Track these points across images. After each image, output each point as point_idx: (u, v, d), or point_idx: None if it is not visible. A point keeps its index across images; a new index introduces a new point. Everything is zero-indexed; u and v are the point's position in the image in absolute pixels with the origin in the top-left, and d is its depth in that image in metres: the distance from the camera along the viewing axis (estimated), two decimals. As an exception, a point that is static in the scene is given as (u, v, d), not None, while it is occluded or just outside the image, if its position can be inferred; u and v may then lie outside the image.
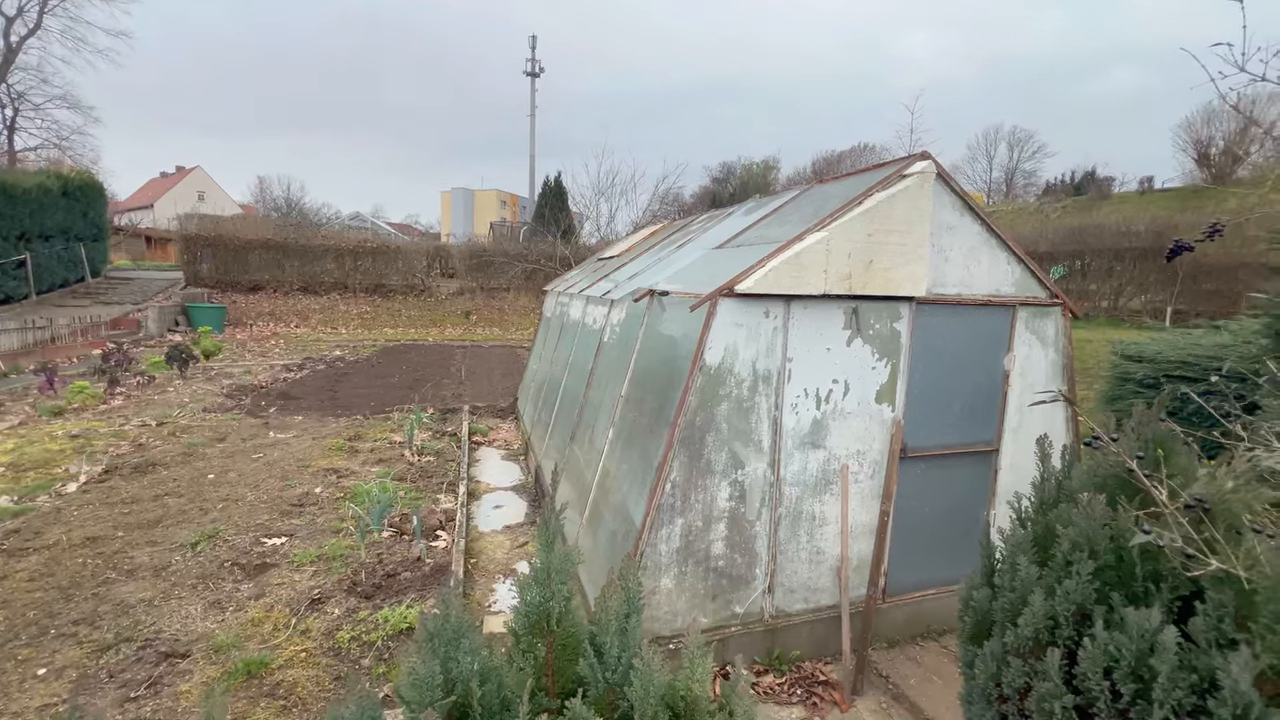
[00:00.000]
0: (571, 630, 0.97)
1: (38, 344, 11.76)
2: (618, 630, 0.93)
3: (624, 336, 4.57)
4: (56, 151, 34.76)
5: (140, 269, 22.34)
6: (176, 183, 57.38)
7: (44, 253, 15.37)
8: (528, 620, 0.96)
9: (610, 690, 0.88)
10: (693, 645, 0.91)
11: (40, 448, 6.44)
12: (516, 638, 0.98)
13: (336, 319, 18.71)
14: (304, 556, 4.21)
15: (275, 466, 6.08)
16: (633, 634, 0.93)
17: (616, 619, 0.93)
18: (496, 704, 0.85)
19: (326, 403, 8.99)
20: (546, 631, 0.93)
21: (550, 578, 1.00)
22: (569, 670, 0.94)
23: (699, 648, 0.90)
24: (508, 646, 0.99)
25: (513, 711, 0.80)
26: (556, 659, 0.94)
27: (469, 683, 0.82)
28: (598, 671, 0.87)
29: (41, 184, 15.78)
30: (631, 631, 0.93)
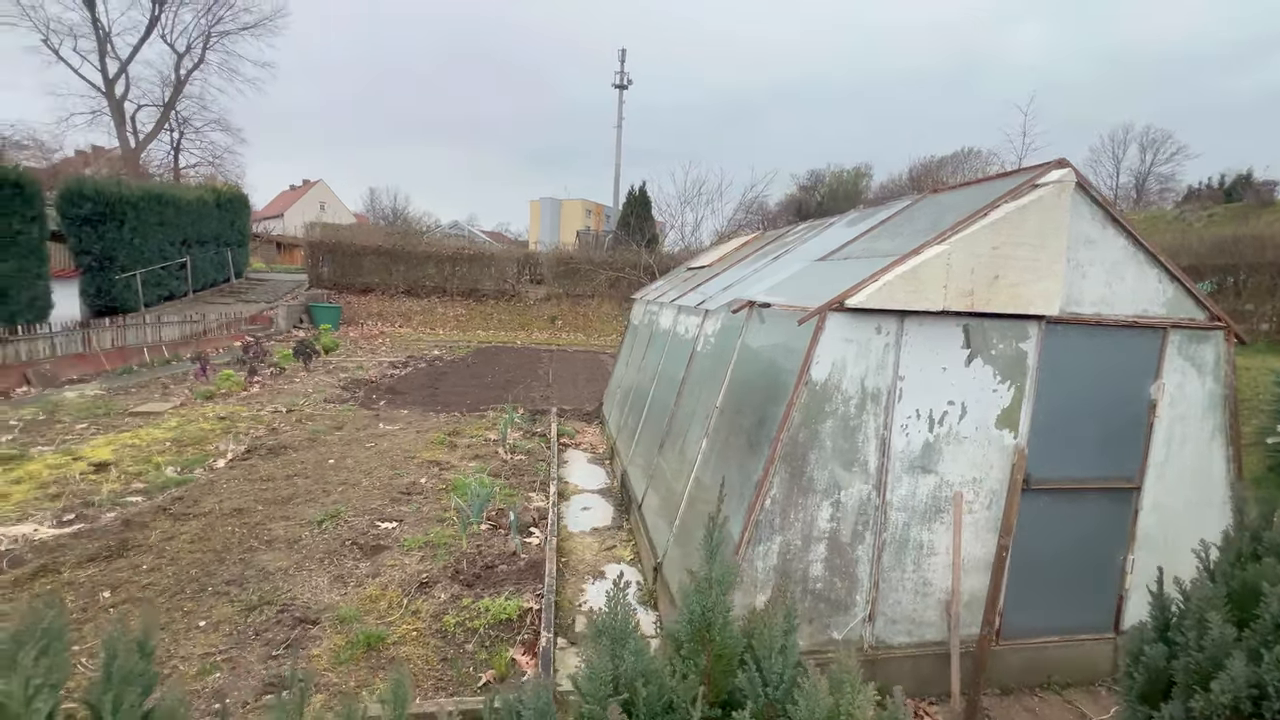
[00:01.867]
0: (728, 641, 0.98)
1: (193, 336, 13.50)
2: (781, 649, 0.93)
3: (719, 347, 4.56)
4: (210, 168, 39.90)
5: (273, 271, 25.09)
6: (302, 195, 63.96)
7: (200, 256, 17.67)
8: (690, 628, 0.99)
9: (770, 705, 0.88)
10: (851, 669, 0.90)
11: (196, 427, 7.38)
12: (677, 644, 1.01)
13: (435, 321, 20.04)
14: (413, 542, 4.53)
15: (385, 456, 6.60)
16: (792, 652, 0.93)
17: (779, 636, 0.94)
18: (659, 706, 0.88)
19: (428, 399, 9.64)
20: (708, 640, 0.96)
21: (712, 588, 1.02)
22: (723, 681, 0.95)
23: (856, 672, 0.89)
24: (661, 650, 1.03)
25: (678, 714, 0.83)
26: (712, 668, 0.96)
27: (634, 682, 0.86)
28: (758, 685, 0.89)
29: (200, 197, 18.17)
30: (791, 650, 0.94)
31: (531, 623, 3.62)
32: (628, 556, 4.73)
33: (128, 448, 6.44)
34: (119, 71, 34.46)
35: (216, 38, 37.28)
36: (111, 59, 34.29)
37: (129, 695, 0.84)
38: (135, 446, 6.51)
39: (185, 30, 36.14)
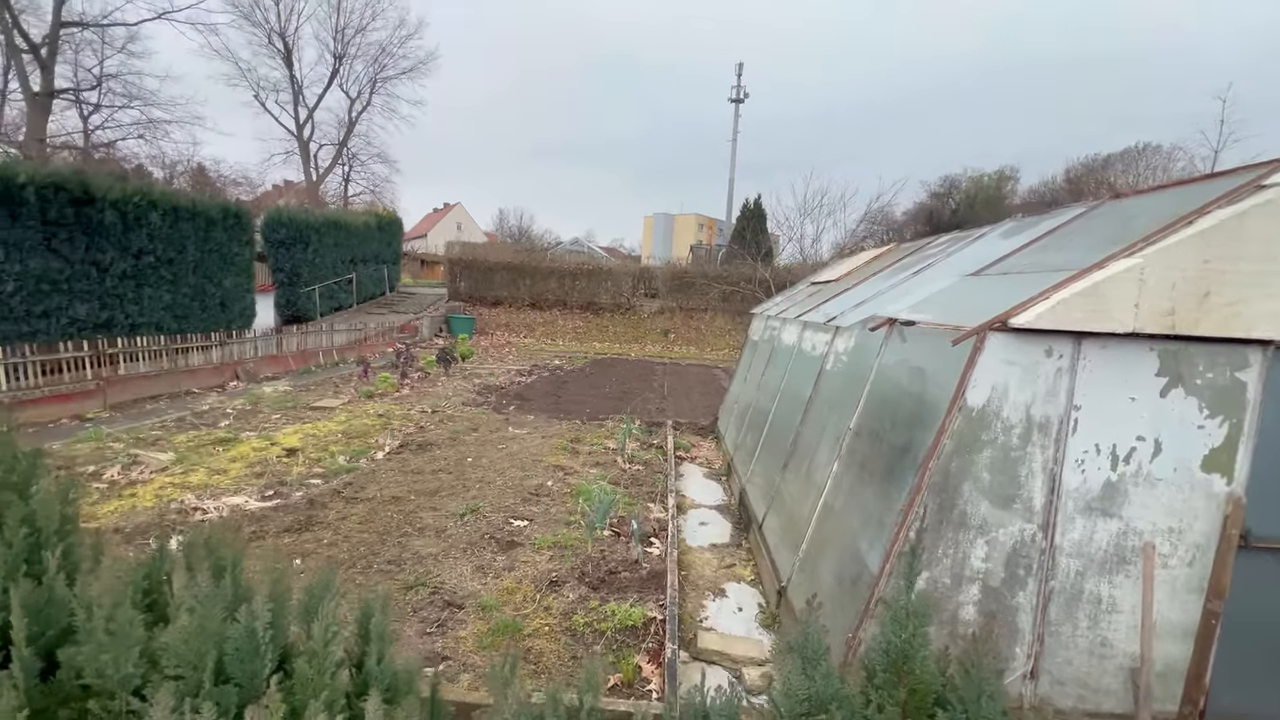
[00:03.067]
0: (927, 677, 0.95)
1: (356, 342, 15.48)
2: (990, 694, 0.88)
3: (853, 366, 4.37)
4: (371, 196, 45.81)
5: (418, 286, 28.08)
6: (443, 216, 71.02)
7: (363, 273, 20.27)
8: (886, 658, 0.97)
9: (978, 754, 0.84)
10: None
11: (360, 422, 8.43)
12: (870, 673, 0.99)
13: (556, 332, 21.21)
14: (543, 541, 4.80)
15: (515, 458, 7.08)
16: (999, 699, 0.87)
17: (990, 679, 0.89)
18: (853, 734, 0.87)
19: (551, 406, 10.21)
20: (905, 673, 0.93)
21: (910, 619, 0.99)
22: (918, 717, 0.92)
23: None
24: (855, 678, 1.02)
25: (875, 747, 0.82)
26: (908, 702, 0.93)
27: (828, 704, 0.86)
28: (963, 730, 0.85)
29: (365, 221, 20.88)
30: (998, 697, 0.88)
31: (655, 632, 3.68)
32: (748, 576, 4.64)
33: (310, 437, 7.52)
34: (307, 117, 40.77)
35: (381, 83, 42.83)
36: (302, 107, 40.64)
37: (384, 649, 0.99)
38: (315, 436, 7.58)
39: (357, 79, 41.96)
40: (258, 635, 0.89)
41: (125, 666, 0.84)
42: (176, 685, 0.81)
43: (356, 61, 41.73)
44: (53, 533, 1.02)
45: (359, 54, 41.72)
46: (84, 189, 11.01)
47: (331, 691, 0.85)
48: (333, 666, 0.89)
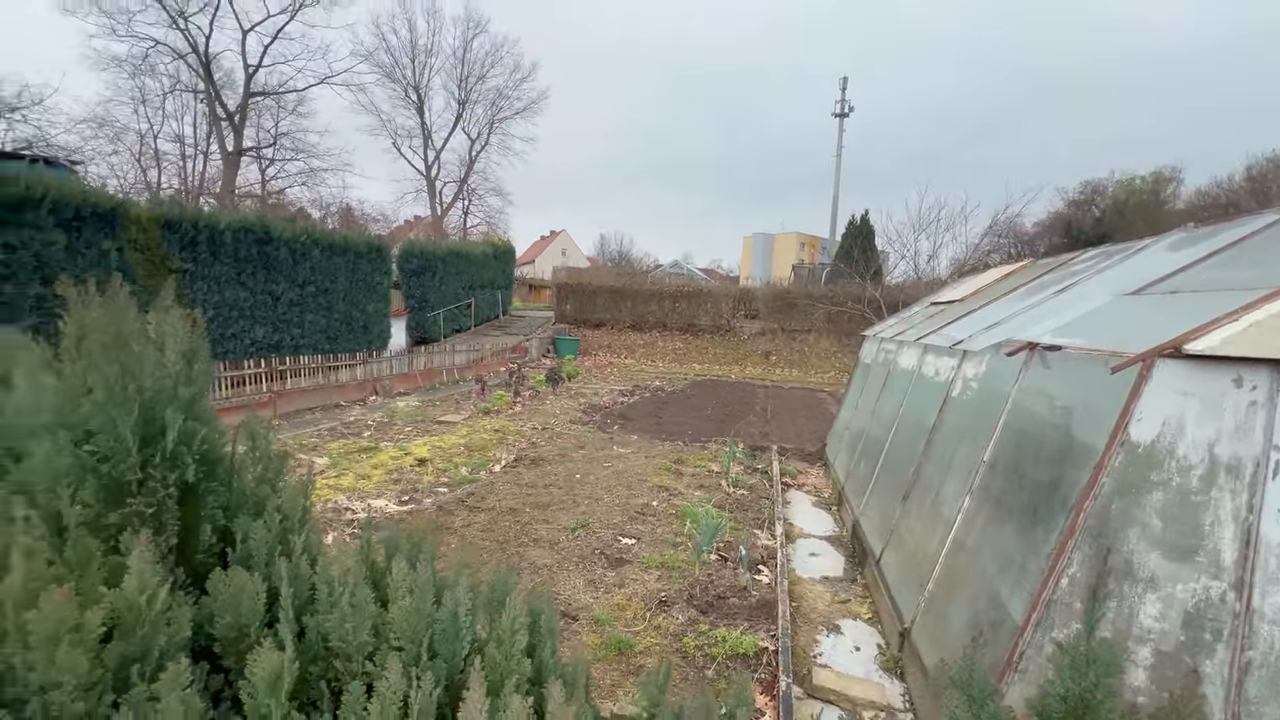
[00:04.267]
0: (1113, 735, 0.88)
1: (474, 361, 16.75)
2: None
3: (984, 394, 4.05)
4: (486, 226, 49.77)
5: (527, 309, 29.88)
6: (549, 243, 75.22)
7: (480, 297, 21.97)
8: (1064, 706, 0.92)
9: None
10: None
11: (479, 436, 9.09)
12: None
13: (656, 353, 21.55)
14: (650, 561, 4.87)
15: (621, 477, 7.26)
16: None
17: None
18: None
19: (654, 426, 10.37)
20: (1089, 728, 0.88)
21: (1090, 666, 0.93)
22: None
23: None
24: None
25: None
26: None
27: (1000, 752, 0.84)
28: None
29: (483, 250, 22.69)
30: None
31: (767, 663, 3.59)
32: (864, 614, 4.39)
33: (437, 448, 8.23)
34: (434, 159, 45.37)
35: (497, 123, 46.74)
36: (430, 150, 45.33)
37: (554, 643, 1.10)
38: (441, 448, 8.28)
39: (477, 121, 46.14)
40: (460, 620, 1.03)
41: (361, 635, 1.01)
42: (399, 655, 0.97)
43: (477, 106, 45.95)
44: (297, 520, 1.24)
45: (479, 99, 45.91)
46: (265, 231, 13.00)
47: (519, 675, 0.96)
48: (519, 654, 1.00)
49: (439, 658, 1.00)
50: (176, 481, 1.16)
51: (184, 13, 31.08)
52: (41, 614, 0.79)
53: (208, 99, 32.41)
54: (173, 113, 33.02)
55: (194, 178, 34.11)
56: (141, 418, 1.11)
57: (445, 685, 0.97)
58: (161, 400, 1.14)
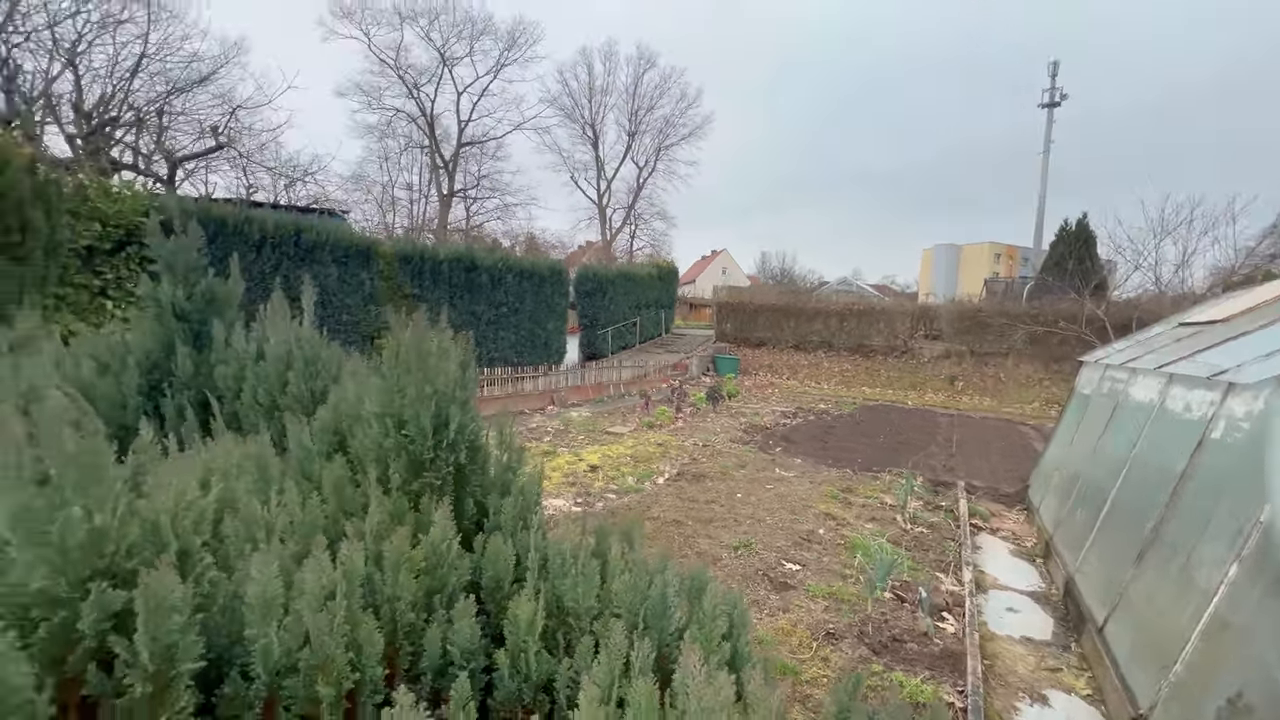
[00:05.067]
0: None
1: (638, 377, 17.64)
2: None
3: (1260, 437, 3.24)
4: (651, 249, 52.25)
5: (688, 328, 30.60)
6: (710, 263, 76.27)
7: (644, 316, 23.10)
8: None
9: None
10: None
11: (643, 449, 9.55)
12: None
13: (821, 375, 20.57)
14: (817, 590, 4.70)
15: (784, 500, 7.09)
16: None
17: None
18: None
19: (818, 450, 9.93)
20: None
21: None
22: None
23: None
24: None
25: None
26: None
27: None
28: None
29: (649, 272, 23.87)
30: None
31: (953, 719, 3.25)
32: (1081, 689, 3.74)
33: (606, 457, 8.84)
34: (605, 188, 49.13)
35: (664, 150, 49.14)
36: (602, 180, 49.20)
37: (745, 633, 1.20)
38: (610, 457, 8.87)
39: (645, 150, 49.00)
40: (668, 599, 1.19)
41: (589, 600, 1.22)
42: (620, 622, 1.15)
43: (645, 136, 48.85)
44: (533, 501, 1.52)
45: (647, 129, 48.77)
46: (471, 260, 15.20)
47: (720, 656, 1.08)
48: (718, 636, 1.12)
49: (650, 630, 1.16)
50: (454, 462, 1.50)
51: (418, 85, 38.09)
52: (392, 546, 1.11)
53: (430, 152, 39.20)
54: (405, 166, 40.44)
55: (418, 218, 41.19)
56: (435, 412, 1.47)
57: (657, 654, 1.12)
58: (447, 400, 1.50)
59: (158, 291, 2.38)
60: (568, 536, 1.41)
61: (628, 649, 1.09)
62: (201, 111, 23.43)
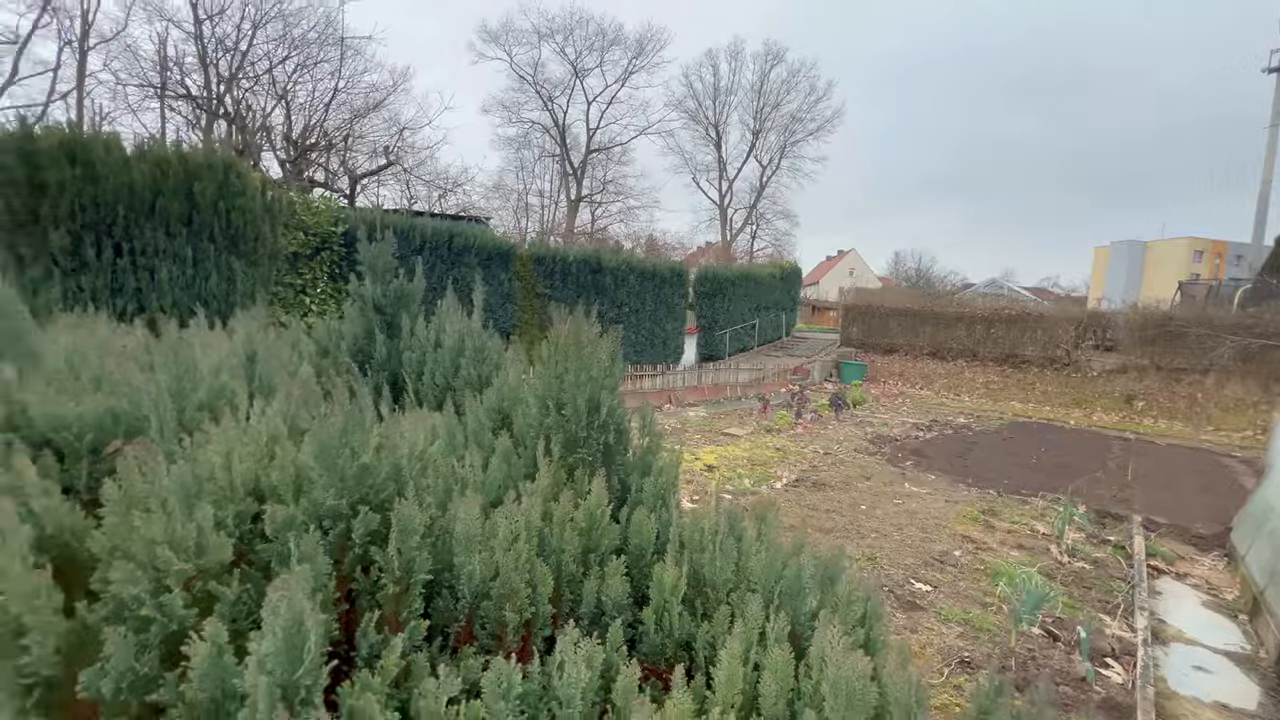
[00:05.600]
0: None
1: (755, 380, 17.35)
2: None
3: None
4: (773, 249, 50.89)
5: (810, 331, 29.42)
6: (836, 264, 72.54)
7: (763, 319, 22.63)
8: None
9: None
10: None
11: (761, 452, 9.42)
12: None
13: (960, 386, 18.75)
14: (950, 614, 4.37)
15: (914, 517, 6.63)
16: None
17: None
18: None
19: (956, 467, 9.11)
20: None
21: None
22: None
23: None
24: None
25: None
26: None
27: None
28: None
29: (770, 273, 23.33)
30: None
31: (1116, 778, 2.88)
32: (1297, 773, 3.11)
33: (722, 458, 8.86)
34: (726, 189, 48.71)
35: (789, 147, 47.61)
36: (724, 181, 48.81)
37: (878, 625, 1.22)
38: (726, 458, 8.88)
39: (769, 148, 47.83)
40: (803, 580, 1.25)
41: (725, 573, 1.32)
42: (756, 596, 1.23)
43: (770, 134, 47.69)
44: (670, 484, 1.65)
45: (772, 127, 47.58)
46: (597, 261, 15.95)
47: (854, 640, 1.12)
48: (854, 620, 1.16)
49: (783, 607, 1.23)
50: (603, 442, 1.68)
51: (552, 98, 40.68)
52: (560, 506, 1.30)
53: (560, 160, 41.67)
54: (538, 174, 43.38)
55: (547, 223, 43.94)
56: (589, 396, 1.65)
57: (791, 631, 1.19)
58: (599, 386, 1.68)
59: (362, 289, 2.88)
60: (703, 518, 1.52)
61: (763, 620, 1.17)
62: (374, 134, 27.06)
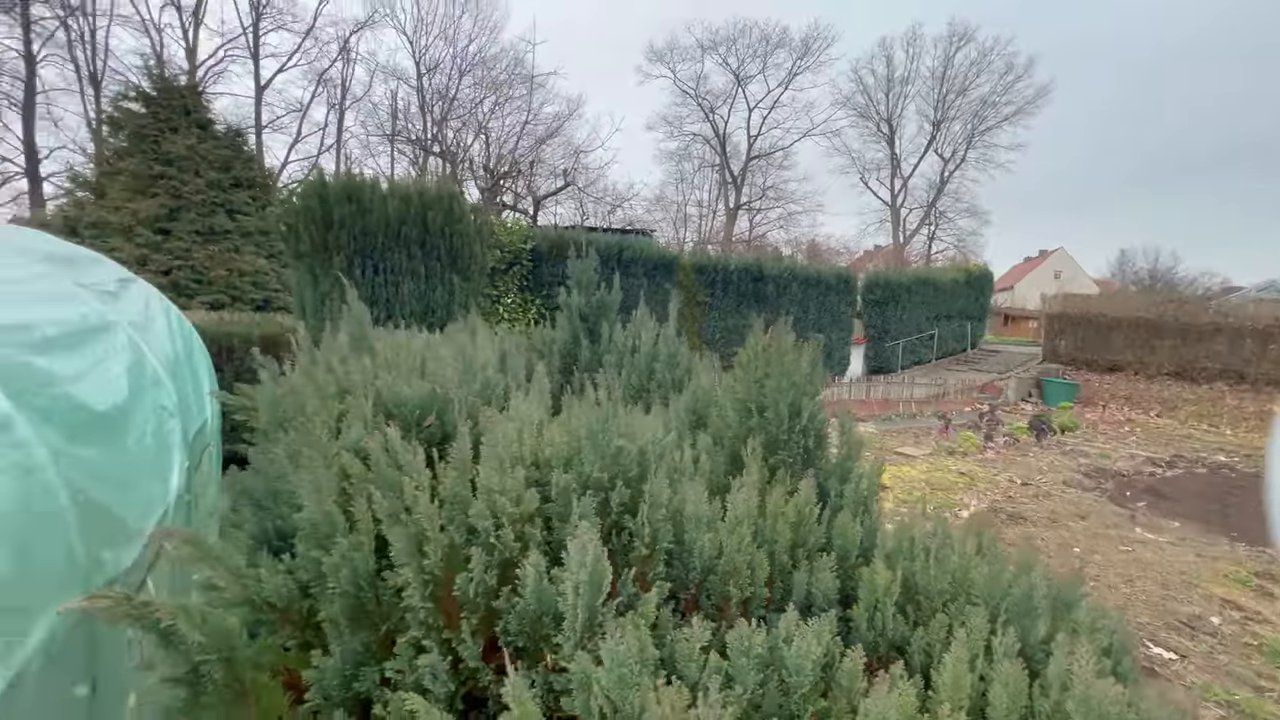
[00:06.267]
0: None
1: (933, 397, 15.71)
2: None
3: None
4: (954, 251, 45.49)
5: (1002, 343, 25.78)
6: (1037, 265, 62.51)
7: (944, 328, 20.39)
8: None
9: None
10: None
11: (941, 476, 8.55)
12: None
13: (1219, 415, 14.99)
14: (1210, 692, 3.58)
15: (1150, 568, 5.52)
16: None
17: None
18: None
19: (1211, 515, 7.35)
20: None
21: None
22: None
23: None
24: None
25: None
26: None
27: None
28: None
29: (954, 278, 20.98)
30: None
31: None
32: None
33: (896, 478, 8.22)
34: (900, 187, 44.81)
35: (978, 136, 42.31)
36: (897, 179, 44.98)
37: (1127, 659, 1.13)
38: (901, 479, 8.22)
39: (952, 139, 42.96)
40: (1034, 600, 1.21)
41: (941, 583, 1.32)
42: (979, 609, 1.22)
43: (954, 123, 42.88)
44: (872, 491, 1.67)
45: (956, 115, 42.74)
46: (759, 269, 15.81)
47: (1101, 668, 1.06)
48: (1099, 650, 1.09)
49: (1011, 624, 1.19)
50: (804, 446, 1.76)
51: (713, 108, 41.20)
52: (772, 500, 1.42)
53: (720, 169, 41.91)
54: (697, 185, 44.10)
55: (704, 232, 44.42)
56: (791, 401, 1.74)
57: (1020, 650, 1.16)
58: (800, 391, 1.76)
59: (569, 299, 3.29)
60: (911, 526, 1.52)
61: (988, 633, 1.15)
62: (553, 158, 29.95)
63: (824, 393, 8.54)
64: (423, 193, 7.40)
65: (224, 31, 29.25)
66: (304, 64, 31.37)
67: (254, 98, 30.09)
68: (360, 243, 6.88)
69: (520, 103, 29.22)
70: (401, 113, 31.03)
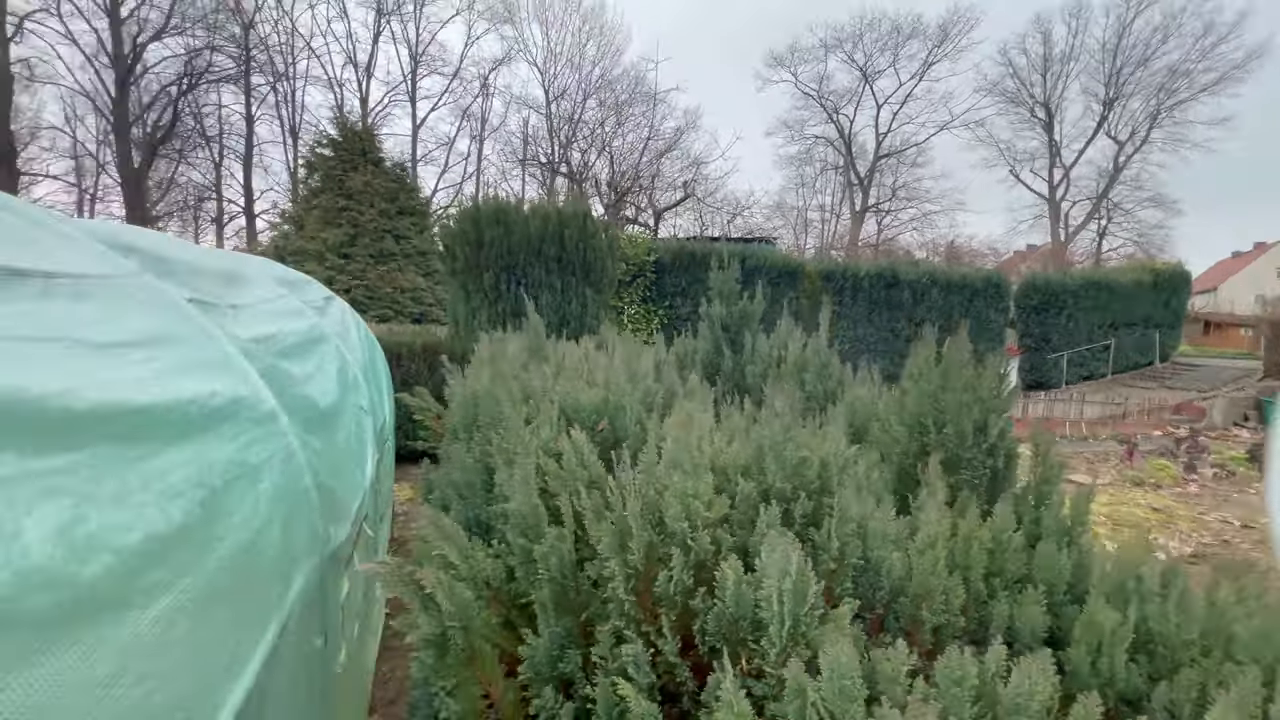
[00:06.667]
0: None
1: (1110, 417, 13.56)
2: None
3: None
4: (1132, 248, 38.92)
5: (1201, 356, 21.62)
6: (1248, 263, 51.72)
7: (1123, 338, 17.54)
8: None
9: None
10: None
11: (1126, 510, 7.33)
12: None
13: None
14: None
15: None
16: None
17: None
18: None
19: None
20: None
21: None
22: None
23: None
24: None
25: None
26: None
27: None
28: None
29: (1135, 279, 18.00)
30: None
31: None
32: None
33: (1065, 509, 7.20)
34: (1061, 178, 39.38)
35: (1164, 113, 36.01)
36: (1057, 169, 39.61)
37: None
38: (1071, 509, 7.18)
39: (1131, 118, 36.92)
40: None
41: (1188, 632, 1.14)
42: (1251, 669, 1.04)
43: (1133, 99, 36.92)
44: (1080, 518, 1.49)
45: (1135, 91, 36.75)
46: (893, 275, 14.79)
47: None
48: None
49: (1250, 661, 1.00)
50: (990, 466, 1.62)
51: (837, 109, 39.37)
52: (965, 523, 1.32)
53: (845, 171, 39.80)
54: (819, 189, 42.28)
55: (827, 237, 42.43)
56: (975, 418, 1.61)
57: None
58: (987, 407, 1.62)
59: (711, 309, 3.33)
60: (1136, 563, 1.33)
61: (1264, 699, 0.97)
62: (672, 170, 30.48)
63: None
64: (559, 211, 7.91)
65: (389, 80, 33.66)
66: (450, 102, 35.08)
67: (410, 135, 34.21)
68: (506, 260, 7.52)
69: (641, 119, 30.23)
70: (532, 138, 33.52)
